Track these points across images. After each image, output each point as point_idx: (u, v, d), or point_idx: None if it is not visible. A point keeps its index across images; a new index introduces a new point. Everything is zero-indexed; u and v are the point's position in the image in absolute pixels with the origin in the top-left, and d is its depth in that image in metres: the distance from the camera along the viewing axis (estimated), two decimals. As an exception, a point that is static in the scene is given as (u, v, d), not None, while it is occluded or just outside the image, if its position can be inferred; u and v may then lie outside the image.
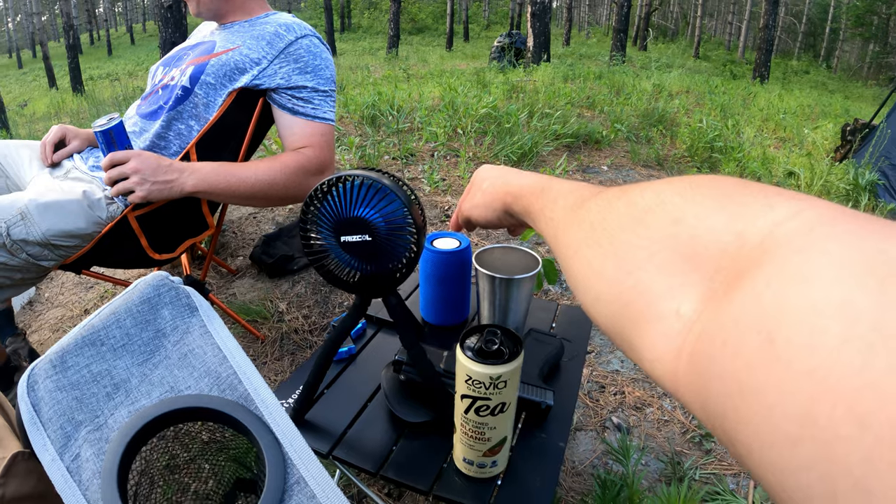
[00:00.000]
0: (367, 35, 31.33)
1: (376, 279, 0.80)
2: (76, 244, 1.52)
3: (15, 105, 14.35)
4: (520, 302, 1.13)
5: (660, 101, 5.44)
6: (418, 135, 3.89)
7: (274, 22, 1.66)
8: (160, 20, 6.69)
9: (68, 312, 2.32)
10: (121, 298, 0.65)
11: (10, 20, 48.00)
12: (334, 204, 0.76)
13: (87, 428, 0.55)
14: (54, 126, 1.83)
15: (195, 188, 1.51)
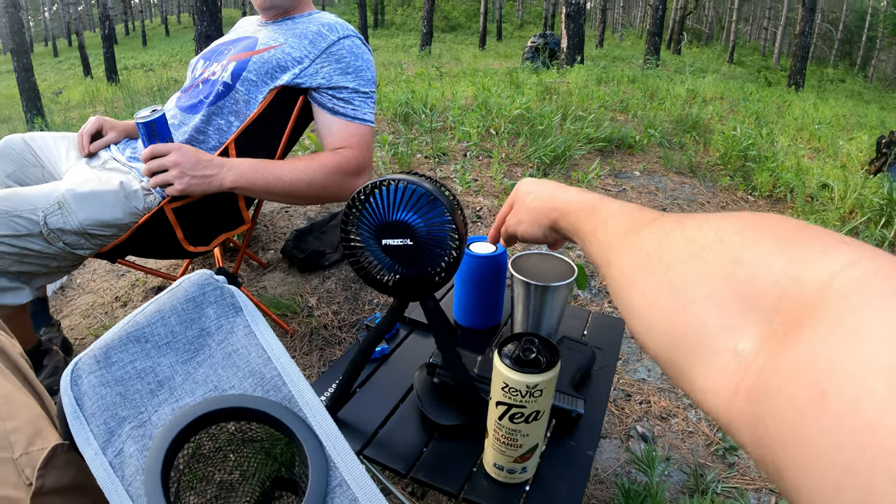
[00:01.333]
0: (400, 32, 31.40)
1: (415, 282, 0.80)
2: (113, 234, 1.54)
3: (50, 92, 14.58)
4: (554, 309, 1.13)
5: (694, 107, 5.39)
6: (451, 134, 3.89)
7: (317, 21, 1.67)
8: (196, 13, 6.80)
9: (99, 299, 2.35)
10: (165, 296, 0.66)
11: (47, 9, 48.84)
12: (377, 207, 0.76)
13: (130, 424, 0.56)
14: (92, 117, 1.85)
15: (234, 184, 1.52)
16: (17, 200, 1.42)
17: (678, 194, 3.12)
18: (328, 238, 2.39)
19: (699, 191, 3.22)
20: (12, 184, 1.80)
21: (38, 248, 1.43)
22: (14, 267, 1.43)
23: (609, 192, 3.03)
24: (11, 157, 1.80)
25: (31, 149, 1.83)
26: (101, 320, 2.20)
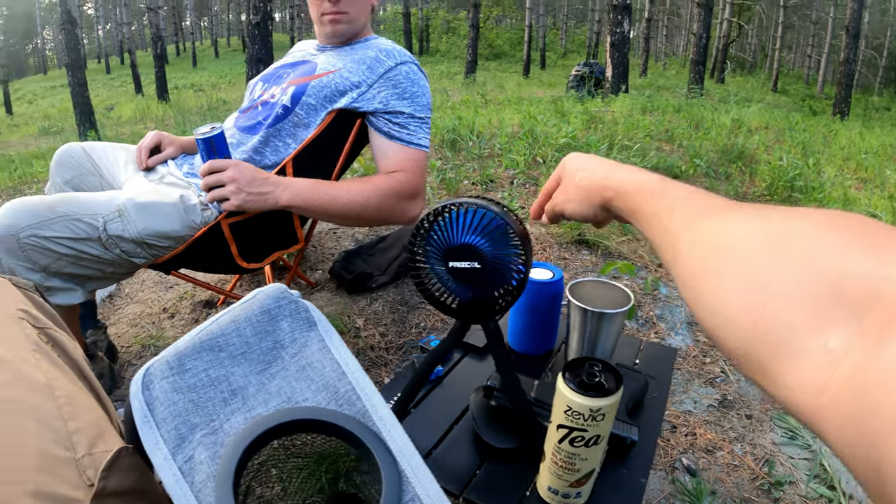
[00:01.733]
0: (445, 59, 31.68)
1: (479, 305, 0.81)
2: (169, 245, 1.58)
3: (102, 108, 15.02)
4: (609, 336, 1.13)
5: (739, 137, 5.34)
6: (498, 161, 3.92)
7: (375, 46, 1.71)
8: (248, 36, 6.99)
9: (147, 309, 2.40)
10: (240, 307, 0.68)
11: (101, 28, 50.43)
12: (445, 229, 0.77)
13: (202, 431, 0.57)
14: (150, 132, 1.92)
15: (289, 202, 1.54)
16: (78, 205, 1.47)
17: (724, 225, 3.09)
18: (376, 260, 2.41)
19: (745, 222, 3.19)
20: (70, 190, 1.86)
21: (95, 252, 1.48)
22: (69, 269, 1.47)
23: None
24: (70, 165, 1.86)
25: (90, 157, 1.89)
26: (148, 330, 2.24)
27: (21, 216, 1.40)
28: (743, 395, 1.85)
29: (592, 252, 2.61)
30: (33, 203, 1.44)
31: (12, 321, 0.75)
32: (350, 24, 1.75)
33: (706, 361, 1.97)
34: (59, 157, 1.89)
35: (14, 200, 1.46)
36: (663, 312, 2.22)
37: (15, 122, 19.88)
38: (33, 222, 1.40)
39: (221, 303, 2.37)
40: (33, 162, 6.37)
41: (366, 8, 1.79)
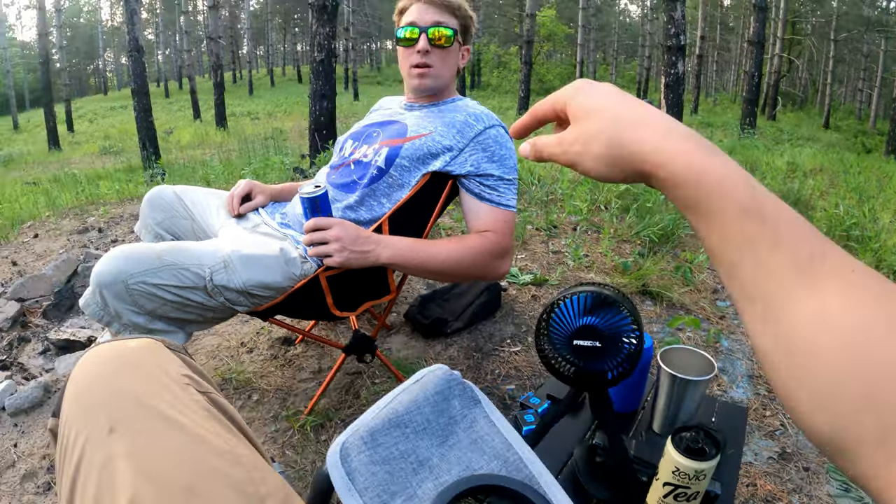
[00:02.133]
0: (496, 94, 31.81)
1: (596, 377, 0.95)
2: (269, 295, 1.65)
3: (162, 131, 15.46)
4: (694, 400, 1.25)
5: (794, 182, 5.35)
6: (560, 206, 4.03)
7: (463, 110, 1.80)
8: (312, 73, 7.13)
9: (225, 342, 2.50)
10: (416, 387, 0.81)
11: (160, 52, 51.99)
12: (567, 313, 0.92)
13: (400, 498, 0.67)
14: (242, 180, 2.03)
15: (389, 260, 1.62)
16: (185, 255, 1.56)
17: (782, 274, 3.13)
18: (450, 306, 2.50)
19: (803, 271, 3.22)
20: (162, 231, 1.97)
21: (199, 300, 1.56)
22: (174, 313, 1.56)
23: (715, 274, 3.06)
24: (162, 207, 1.98)
25: (181, 201, 1.99)
26: (227, 363, 2.33)
27: (130, 264, 1.48)
28: (801, 448, 1.89)
29: (656, 303, 2.69)
30: (142, 251, 1.53)
31: (180, 387, 0.79)
32: (435, 79, 1.83)
33: (766, 415, 2.02)
34: (150, 199, 1.99)
35: (123, 247, 1.55)
36: (725, 365, 2.28)
37: (76, 139, 20.38)
38: (142, 269, 1.48)
39: (300, 341, 2.46)
40: (99, 183, 6.59)
41: (451, 67, 1.87)
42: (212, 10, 19.90)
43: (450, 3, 1.83)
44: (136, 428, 0.70)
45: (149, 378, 0.77)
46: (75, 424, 0.72)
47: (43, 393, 2.18)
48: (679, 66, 10.22)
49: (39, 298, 3.08)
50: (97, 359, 0.81)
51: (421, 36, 1.78)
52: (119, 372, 0.78)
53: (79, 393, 0.76)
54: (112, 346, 0.83)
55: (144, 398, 0.74)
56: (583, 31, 25.52)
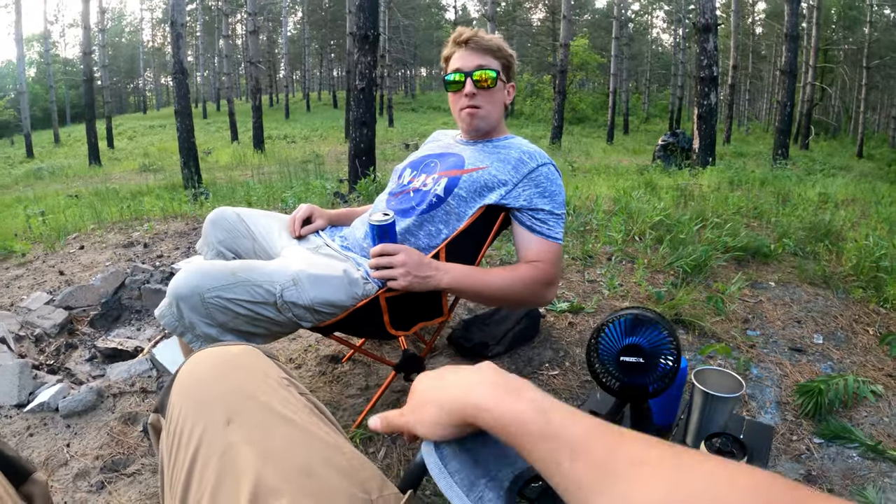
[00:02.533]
0: (529, 122, 32.00)
1: (638, 390, 1.07)
2: (333, 312, 1.74)
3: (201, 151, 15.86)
4: (724, 416, 1.37)
5: (826, 213, 5.36)
6: (595, 236, 4.13)
7: (517, 147, 1.93)
8: (353, 100, 7.33)
9: None
10: None
11: (200, 74, 53.13)
12: (614, 333, 1.04)
13: (484, 479, 0.72)
14: (303, 205, 2.16)
15: (448, 285, 1.75)
16: (257, 272, 1.66)
17: (812, 306, 3.19)
18: (491, 331, 2.59)
19: (832, 303, 3.26)
20: (223, 249, 2.09)
21: (268, 314, 1.65)
22: (244, 327, 1.65)
23: (746, 304, 3.18)
24: (224, 227, 2.09)
25: (243, 222, 2.11)
26: None
27: (207, 279, 1.60)
28: (826, 472, 1.94)
29: (688, 332, 2.76)
30: (218, 268, 1.64)
31: (282, 388, 0.85)
32: (484, 119, 1.96)
33: (793, 439, 2.08)
34: (213, 219, 2.11)
35: (199, 264, 1.67)
36: (754, 392, 2.34)
37: (116, 155, 20.91)
38: (217, 285, 1.58)
39: (347, 359, 2.56)
40: (143, 199, 6.75)
41: (498, 105, 2.00)
42: (252, 34, 20.40)
43: (489, 45, 1.96)
44: (252, 420, 0.78)
45: (256, 378, 0.85)
46: (190, 417, 0.79)
47: (96, 398, 2.28)
48: (712, 97, 10.29)
49: (87, 308, 3.24)
50: (205, 361, 0.88)
51: (467, 80, 1.92)
52: (230, 371, 0.85)
53: (191, 390, 0.84)
54: (218, 351, 0.90)
55: (255, 394, 0.81)
56: (615, 61, 25.69)
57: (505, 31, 41.72)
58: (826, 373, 2.50)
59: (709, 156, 10.42)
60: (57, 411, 2.22)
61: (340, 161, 12.56)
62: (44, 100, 44.43)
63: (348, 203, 5.90)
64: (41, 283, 3.66)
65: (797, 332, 2.89)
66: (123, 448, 2.04)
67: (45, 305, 3.17)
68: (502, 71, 1.98)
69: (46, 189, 11.86)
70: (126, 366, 2.51)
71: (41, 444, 2.07)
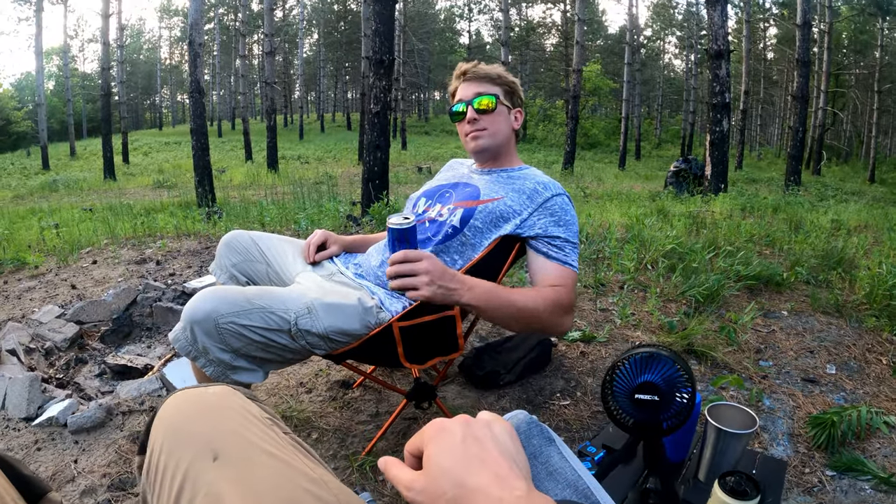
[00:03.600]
0: (542, 147, 32.11)
1: (653, 426, 1.07)
2: (346, 341, 1.75)
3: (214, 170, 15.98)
4: (736, 452, 1.37)
5: (839, 240, 5.34)
6: (607, 264, 4.13)
7: (532, 178, 1.93)
8: (367, 124, 7.34)
9: (284, 381, 2.60)
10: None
11: (216, 93, 53.72)
12: (629, 371, 1.05)
13: None
14: (318, 230, 2.18)
15: (470, 301, 1.60)
16: (272, 299, 1.67)
17: (825, 336, 3.17)
18: (503, 359, 2.59)
19: (845, 332, 3.24)
20: (237, 273, 2.10)
21: (282, 342, 1.66)
22: (257, 353, 1.66)
23: (759, 334, 3.17)
24: (238, 250, 2.10)
25: (258, 246, 2.12)
26: (286, 401, 2.43)
27: (222, 304, 1.61)
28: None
29: (700, 362, 2.75)
30: (233, 293, 1.65)
31: (265, 425, 0.86)
32: (489, 138, 1.97)
33: (805, 472, 2.06)
34: (228, 242, 2.12)
35: (215, 289, 1.68)
36: (766, 424, 2.32)
37: (131, 171, 21.05)
38: (233, 310, 1.59)
39: (357, 385, 2.56)
40: (157, 216, 6.79)
41: (503, 127, 2.00)
42: (268, 55, 20.67)
43: (487, 73, 1.99)
44: (238, 456, 0.78)
45: (239, 416, 0.85)
46: (173, 456, 0.79)
47: (105, 415, 2.27)
48: (724, 124, 10.28)
49: (98, 323, 3.26)
50: (187, 400, 0.88)
51: (468, 108, 1.96)
52: (212, 409, 0.86)
53: (174, 428, 0.83)
54: (198, 391, 0.91)
55: (240, 432, 0.82)
56: (628, 86, 25.83)
57: (518, 57, 42.04)
58: (839, 404, 2.48)
59: (721, 182, 10.40)
60: (65, 426, 2.22)
61: (353, 183, 12.61)
62: (61, 112, 45.13)
63: (361, 226, 5.91)
64: (53, 296, 3.68)
65: (810, 362, 2.87)
66: (131, 467, 2.03)
67: (57, 319, 3.18)
68: (503, 95, 2.00)
69: (61, 201, 11.95)
70: (136, 384, 2.51)
71: (48, 458, 2.07)
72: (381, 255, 1.99)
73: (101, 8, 19.82)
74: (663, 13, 45.25)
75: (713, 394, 2.48)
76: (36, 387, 2.37)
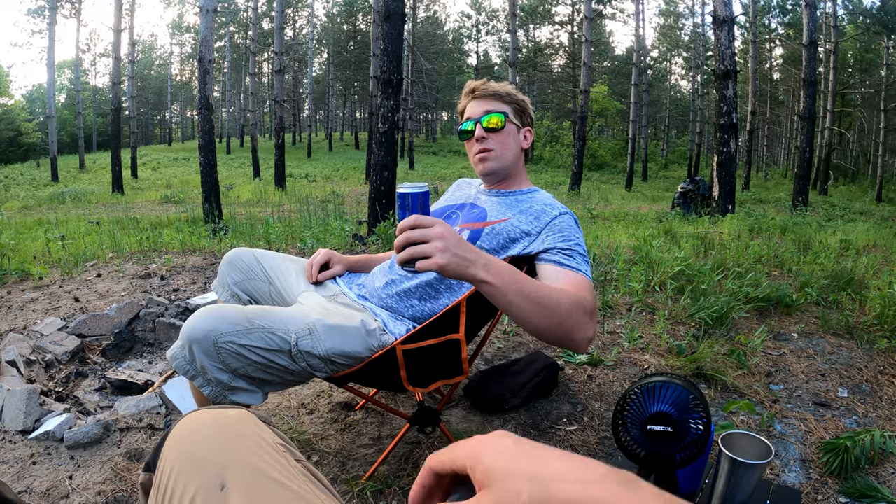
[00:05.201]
0: (549, 168, 32.16)
1: (665, 459, 1.03)
2: (348, 364, 1.72)
3: (222, 186, 16.06)
4: (751, 483, 1.31)
5: (848, 260, 5.29)
6: (615, 286, 4.08)
7: (539, 200, 1.88)
8: (375, 143, 7.35)
9: (285, 402, 2.56)
10: None
11: (225, 110, 54.05)
12: (641, 401, 1.00)
13: None
14: (321, 250, 2.14)
15: (486, 278, 1.37)
16: (273, 319, 1.64)
17: (836, 358, 3.12)
18: (509, 383, 2.54)
19: (856, 354, 3.19)
20: (239, 291, 2.07)
21: (282, 363, 1.63)
22: (256, 374, 1.63)
23: (769, 357, 3.11)
24: (240, 268, 2.07)
25: (260, 265, 2.09)
26: (287, 422, 2.39)
27: (222, 323, 1.58)
28: None
29: (710, 386, 2.70)
30: (233, 312, 1.62)
31: (278, 453, 0.83)
32: (497, 160, 1.92)
33: (818, 498, 2.02)
34: (230, 259, 2.10)
35: (215, 307, 1.65)
36: (778, 449, 2.27)
37: (139, 185, 21.16)
38: (232, 330, 1.56)
39: (360, 407, 2.52)
40: (163, 231, 6.78)
41: (512, 147, 1.95)
42: (277, 73, 20.79)
43: (497, 91, 1.95)
44: (246, 486, 0.75)
45: (252, 443, 0.83)
46: (182, 478, 0.77)
47: (103, 431, 2.24)
48: (731, 144, 10.27)
49: (100, 337, 3.23)
50: (201, 422, 0.87)
51: (476, 126, 1.91)
52: (225, 435, 0.84)
53: (186, 451, 0.81)
54: (213, 413, 0.89)
55: (250, 459, 0.79)
56: (635, 107, 25.84)
57: (526, 77, 42.21)
58: (851, 428, 2.43)
59: (729, 203, 10.37)
60: (62, 441, 2.19)
61: (360, 202, 12.63)
62: (72, 125, 45.68)
63: (367, 245, 5.88)
64: (56, 308, 3.66)
65: (821, 385, 2.82)
66: (126, 485, 2.00)
67: (58, 331, 3.17)
68: (513, 114, 1.96)
69: (68, 213, 12.02)
70: (135, 401, 2.49)
71: (43, 473, 2.04)
72: (385, 276, 1.96)
73: (113, 23, 19.96)
74: (670, 34, 45.41)
75: (724, 419, 2.44)
76: (34, 399, 2.35)
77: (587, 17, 20.44)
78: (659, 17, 45.71)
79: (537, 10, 42.71)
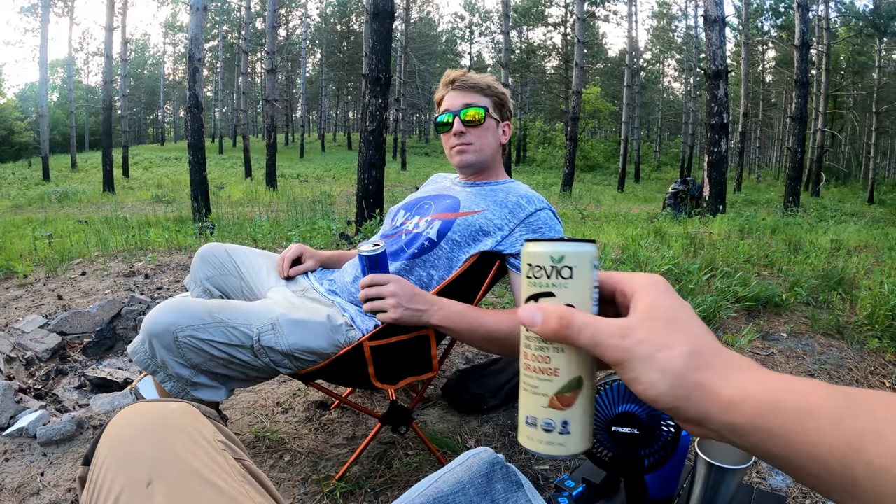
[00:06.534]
0: (541, 169, 32.40)
1: (631, 462, 0.97)
2: (313, 360, 1.68)
3: (213, 185, 15.95)
4: (730, 489, 1.26)
5: (838, 260, 5.27)
6: (599, 287, 4.04)
7: (515, 192, 1.83)
8: (363, 142, 7.31)
9: (261, 401, 2.52)
10: (461, 468, 0.83)
11: (218, 110, 53.94)
12: (607, 398, 0.94)
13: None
14: (293, 244, 2.09)
15: (440, 322, 1.60)
16: (235, 313, 1.61)
17: (826, 358, 3.08)
18: (488, 382, 2.49)
19: (847, 354, 3.15)
20: (211, 287, 2.03)
21: (245, 358, 1.60)
22: (218, 369, 1.61)
23: (757, 357, 3.05)
24: (213, 263, 2.04)
25: (232, 260, 2.06)
26: (261, 421, 2.35)
27: (182, 317, 1.55)
28: None
29: (696, 386, 2.65)
30: (194, 306, 1.59)
31: (217, 452, 0.81)
32: (476, 153, 1.88)
33: (805, 503, 1.98)
34: (202, 254, 2.06)
35: (176, 300, 1.62)
36: None
37: (130, 185, 21.08)
38: (192, 324, 1.54)
39: (335, 406, 2.47)
40: (150, 230, 6.72)
41: (490, 141, 1.91)
42: (270, 73, 20.70)
43: (477, 84, 1.90)
44: (174, 484, 0.72)
45: (188, 439, 0.80)
46: (110, 474, 0.75)
47: (76, 428, 2.21)
48: (722, 145, 10.29)
49: (81, 335, 3.20)
50: (138, 415, 0.83)
51: (455, 119, 1.86)
52: (160, 429, 0.80)
53: (118, 444, 0.79)
54: (153, 405, 0.86)
55: (184, 457, 0.76)
56: (627, 109, 25.90)
57: (518, 79, 42.20)
58: (841, 430, 2.37)
59: (719, 203, 10.39)
60: (35, 438, 2.17)
61: (350, 202, 12.58)
62: (64, 124, 45.52)
63: (353, 244, 5.83)
64: (38, 305, 3.63)
65: (811, 386, 2.76)
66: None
67: (40, 329, 3.13)
68: (493, 108, 1.92)
69: (58, 213, 11.96)
70: (110, 398, 2.46)
71: (15, 470, 2.01)
72: (354, 271, 1.91)
73: (105, 21, 19.86)
74: (663, 36, 45.59)
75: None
76: (9, 396, 2.32)
77: (580, 19, 20.49)
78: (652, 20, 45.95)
79: (531, 11, 42.78)
